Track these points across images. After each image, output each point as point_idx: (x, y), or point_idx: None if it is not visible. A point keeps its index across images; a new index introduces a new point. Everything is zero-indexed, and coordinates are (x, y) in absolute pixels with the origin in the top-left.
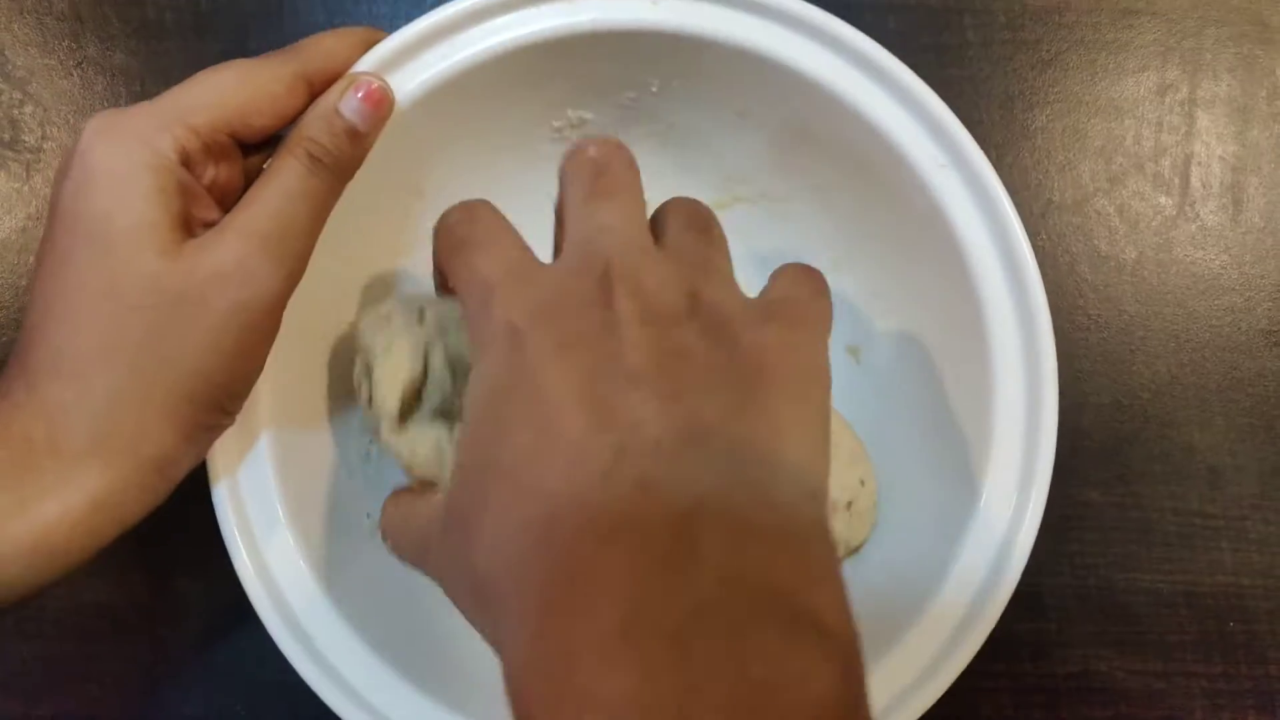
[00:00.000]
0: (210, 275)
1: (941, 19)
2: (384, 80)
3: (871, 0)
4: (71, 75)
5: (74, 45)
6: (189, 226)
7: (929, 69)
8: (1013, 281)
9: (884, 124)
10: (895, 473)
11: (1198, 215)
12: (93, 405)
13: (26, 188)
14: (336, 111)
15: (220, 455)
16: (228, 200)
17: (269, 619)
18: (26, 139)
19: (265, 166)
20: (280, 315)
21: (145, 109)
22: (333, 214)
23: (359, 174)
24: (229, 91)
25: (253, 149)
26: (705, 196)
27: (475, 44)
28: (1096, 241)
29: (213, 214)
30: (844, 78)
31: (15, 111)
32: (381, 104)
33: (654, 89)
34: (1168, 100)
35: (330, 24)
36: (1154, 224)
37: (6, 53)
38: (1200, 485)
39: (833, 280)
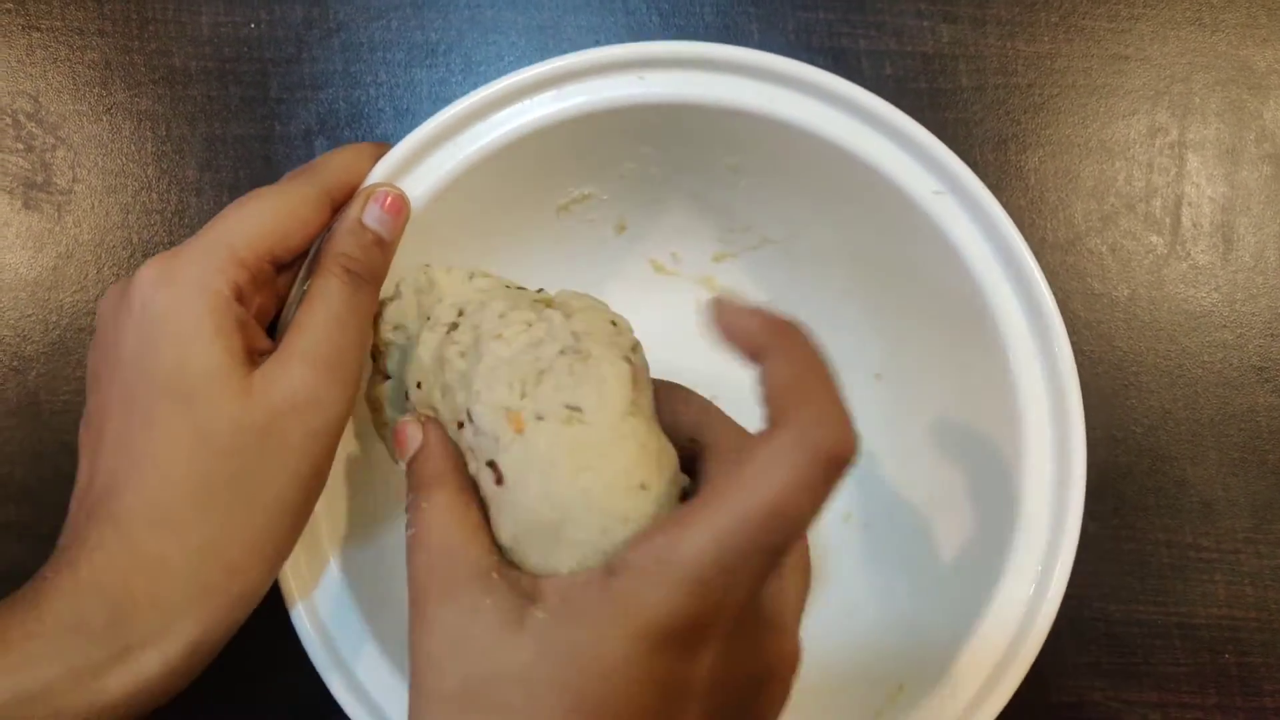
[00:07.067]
0: (285, 408)
1: (936, 64)
2: (398, 188)
3: (867, 47)
4: (101, 120)
5: (103, 91)
6: (250, 359)
7: (924, 112)
8: (1015, 280)
9: (872, 157)
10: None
11: (1189, 254)
12: (191, 555)
13: (58, 228)
14: (361, 224)
15: (291, 576)
16: (267, 321)
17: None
18: (58, 181)
19: (304, 287)
20: (342, 432)
21: (193, 251)
22: None
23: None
24: (266, 221)
25: (282, 267)
26: (709, 250)
27: (476, 141)
28: (1089, 280)
29: (263, 342)
30: (829, 121)
31: (48, 155)
32: (401, 210)
33: (650, 156)
34: (1158, 143)
35: (347, 71)
36: (1146, 263)
37: (41, 99)
38: (1193, 518)
39: (842, 308)
